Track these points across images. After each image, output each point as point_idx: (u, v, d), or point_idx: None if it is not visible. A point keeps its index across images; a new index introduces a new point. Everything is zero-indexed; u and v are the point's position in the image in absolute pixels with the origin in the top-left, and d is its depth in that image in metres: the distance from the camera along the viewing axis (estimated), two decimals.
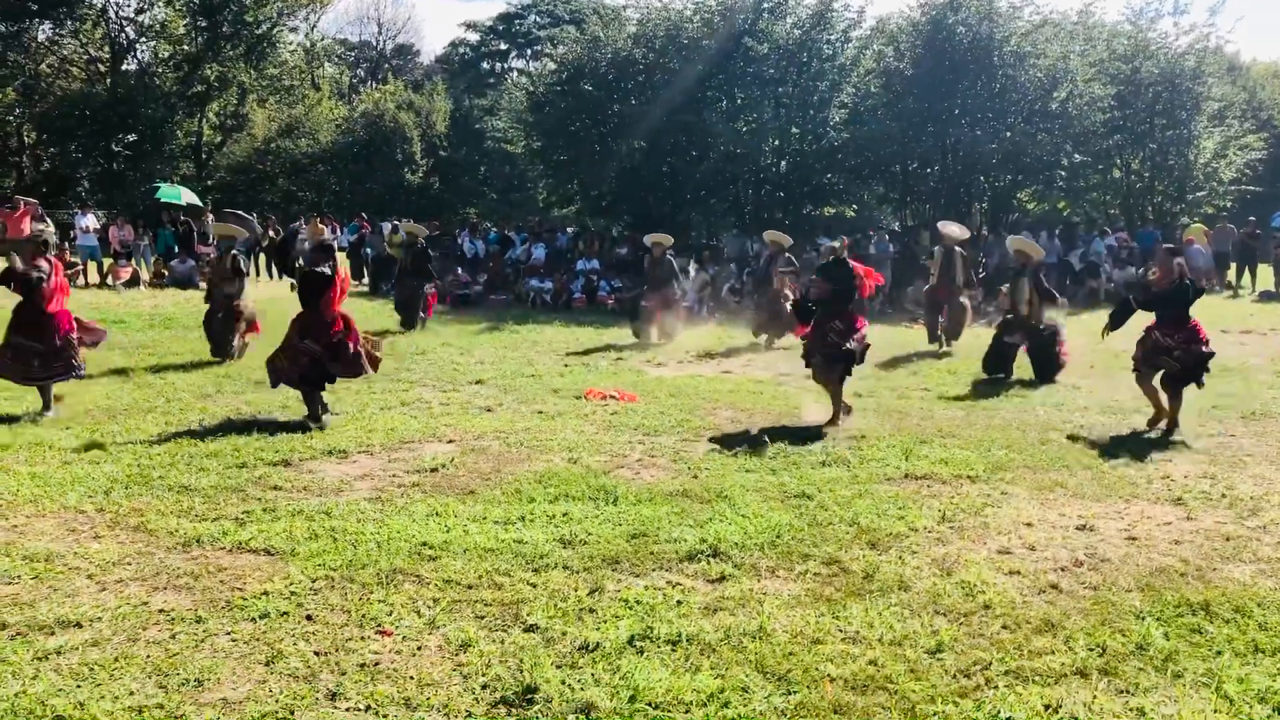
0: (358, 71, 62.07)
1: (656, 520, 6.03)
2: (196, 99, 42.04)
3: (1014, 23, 24.68)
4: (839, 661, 4.24)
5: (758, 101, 26.03)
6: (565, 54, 28.67)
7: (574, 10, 52.45)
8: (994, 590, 5.03)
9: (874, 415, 9.48)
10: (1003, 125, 24.46)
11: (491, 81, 57.76)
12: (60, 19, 41.11)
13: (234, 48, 41.98)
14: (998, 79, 24.20)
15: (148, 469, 7.07)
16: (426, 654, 4.26)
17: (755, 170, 26.49)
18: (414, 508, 6.28)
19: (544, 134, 28.14)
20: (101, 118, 39.81)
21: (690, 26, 26.15)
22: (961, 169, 25.48)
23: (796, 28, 25.65)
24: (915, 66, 24.82)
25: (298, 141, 44.90)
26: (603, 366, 12.81)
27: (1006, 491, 6.89)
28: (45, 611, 4.58)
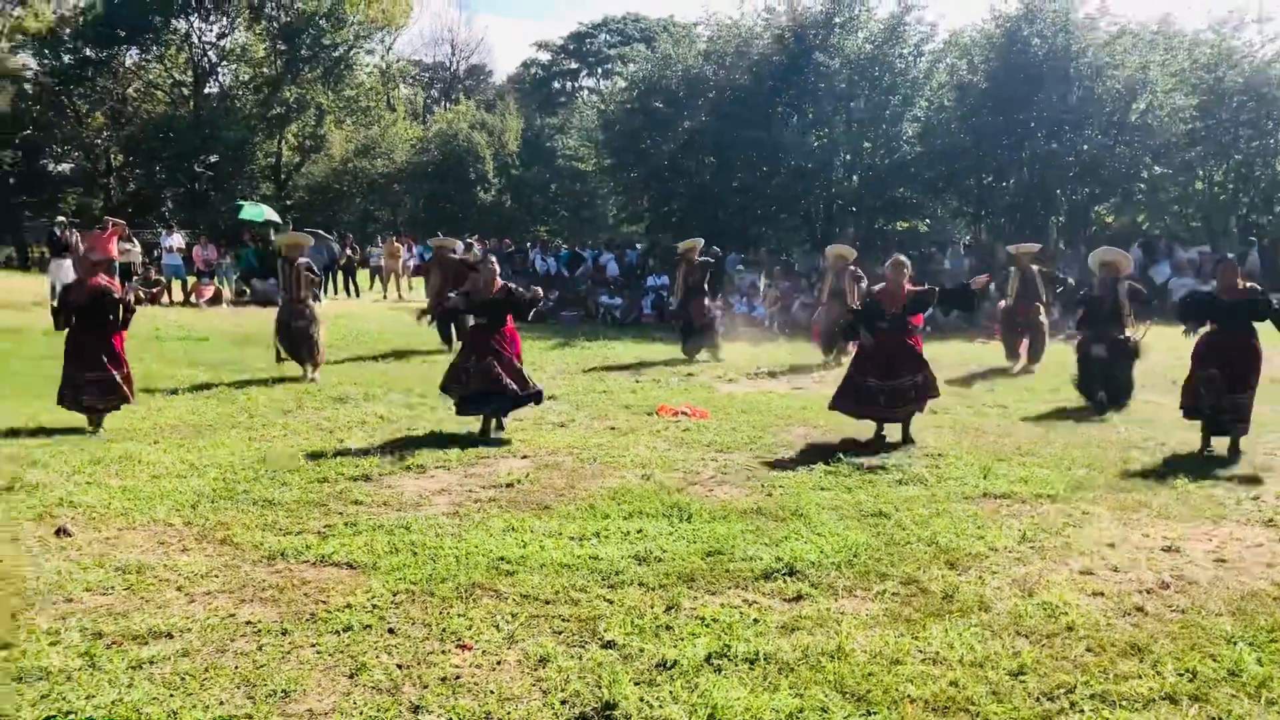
0: (432, 92, 63.08)
1: (731, 538, 6.02)
2: (276, 120, 43.08)
3: (1091, 33, 24.29)
4: (919, 682, 4.19)
5: (829, 116, 25.97)
6: (635, 72, 28.90)
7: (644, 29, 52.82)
8: (1077, 612, 4.94)
9: (951, 432, 9.36)
10: (1080, 138, 24.07)
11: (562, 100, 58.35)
12: (147, 45, 42.46)
13: (312, 70, 42.98)
14: (1075, 91, 23.83)
15: (233, 483, 7.24)
16: (506, 669, 4.31)
17: (826, 185, 26.41)
18: (490, 523, 6.35)
19: (614, 151, 28.37)
20: (185, 140, 40.98)
21: (760, 43, 26.19)
22: (1037, 182, 25.11)
23: (868, 42, 25.55)
24: (989, 79, 24.55)
25: (374, 161, 45.77)
26: (673, 383, 12.83)
27: (1088, 511, 6.75)
28: (138, 622, 4.71)
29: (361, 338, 17.17)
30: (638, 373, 13.69)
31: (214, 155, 42.40)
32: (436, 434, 9.20)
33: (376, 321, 19.87)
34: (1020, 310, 14.06)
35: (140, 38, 41.67)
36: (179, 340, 15.82)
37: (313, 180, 46.43)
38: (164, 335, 16.48)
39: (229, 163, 42.45)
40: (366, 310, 22.45)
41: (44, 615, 4.77)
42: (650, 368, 14.21)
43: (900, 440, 9.00)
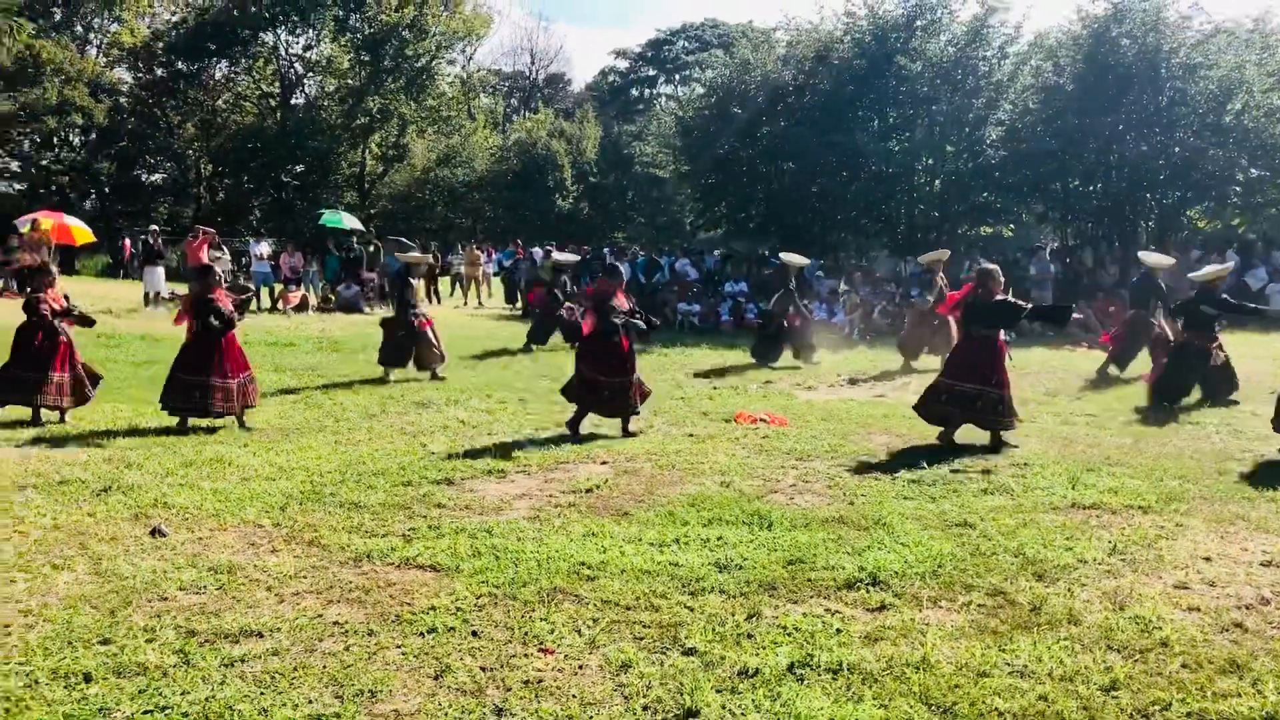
0: (511, 101, 63.77)
1: (813, 546, 5.96)
2: (360, 130, 43.92)
3: (1183, 33, 23.62)
4: (1006, 695, 4.11)
5: (910, 120, 25.63)
6: (714, 78, 28.86)
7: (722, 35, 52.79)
8: (1171, 627, 4.79)
9: (1037, 441, 9.17)
10: (1171, 139, 23.42)
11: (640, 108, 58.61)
12: (236, 57, 43.63)
13: (395, 81, 43.73)
14: (1165, 91, 23.21)
15: (319, 486, 7.39)
16: (588, 673, 4.32)
17: (908, 190, 26.09)
18: (571, 528, 6.39)
19: (692, 158, 28.36)
20: (272, 150, 42.03)
21: (841, 47, 25.97)
22: (1126, 186, 24.50)
23: (951, 45, 25.18)
24: (1076, 81, 24.02)
25: (455, 170, 46.41)
26: (752, 389, 12.78)
27: (1182, 523, 6.56)
28: (230, 621, 4.82)
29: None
30: (715, 379, 13.66)
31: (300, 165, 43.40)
32: (516, 438, 9.28)
33: (457, 327, 20.11)
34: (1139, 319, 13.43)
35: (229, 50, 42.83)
36: (266, 345, 16.19)
37: (395, 189, 47.22)
38: (251, 341, 16.85)
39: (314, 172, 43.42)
40: (447, 316, 22.75)
41: (140, 613, 4.91)
42: (728, 374, 14.17)
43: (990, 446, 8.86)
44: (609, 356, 9.54)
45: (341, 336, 17.85)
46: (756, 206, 27.72)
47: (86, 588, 5.23)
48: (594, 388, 9.50)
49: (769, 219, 27.41)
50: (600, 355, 9.55)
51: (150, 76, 43.68)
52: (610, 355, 9.54)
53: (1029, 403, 10.93)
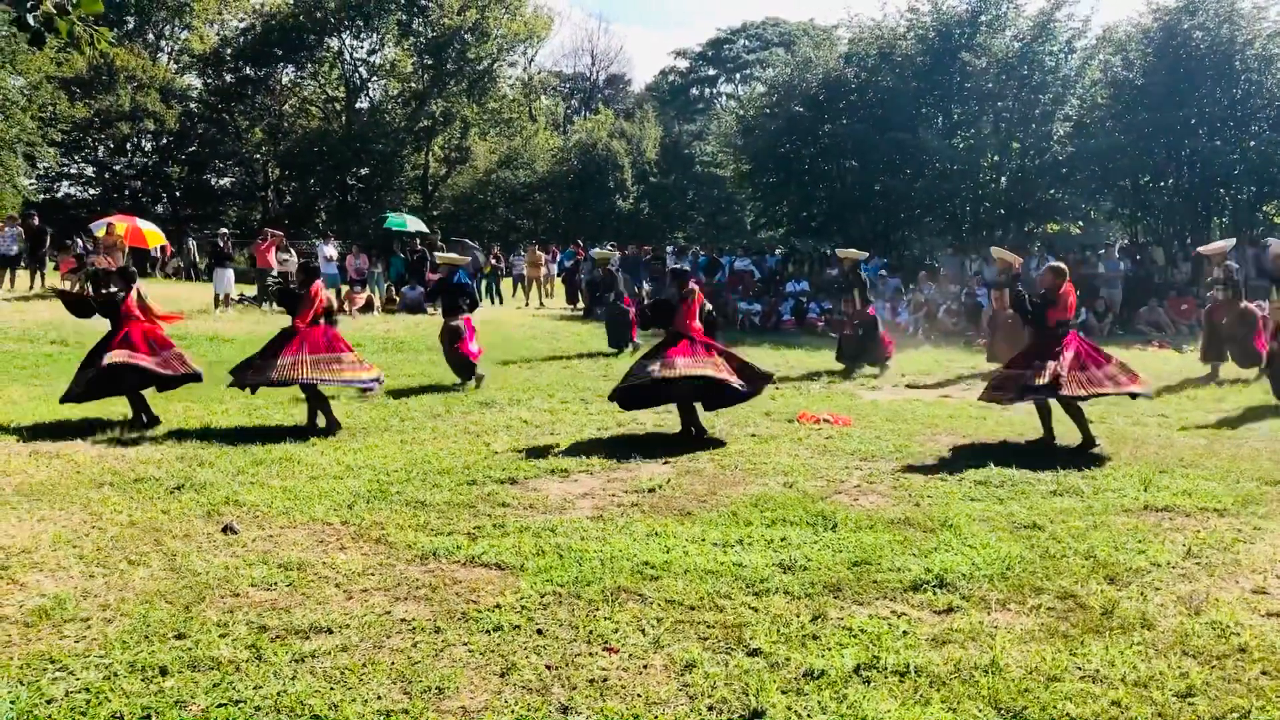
0: (572, 102, 64.06)
1: (878, 548, 5.91)
2: (423, 133, 44.49)
3: (1259, 23, 23.05)
4: (1078, 701, 4.03)
5: (975, 117, 25.35)
6: (775, 76, 28.79)
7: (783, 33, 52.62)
8: (1250, 632, 4.67)
9: (1108, 442, 9.00)
10: (1246, 134, 22.88)
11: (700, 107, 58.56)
12: (301, 63, 44.45)
13: (457, 84, 44.24)
14: (1240, 85, 22.68)
15: (386, 485, 7.48)
16: (652, 672, 4.32)
17: (974, 187, 25.77)
18: (634, 527, 6.39)
19: (753, 156, 28.26)
20: (337, 153, 42.72)
21: (904, 44, 25.75)
22: (1199, 181, 23.97)
23: (1016, 40, 24.85)
24: (1146, 75, 23.56)
25: (516, 172, 46.79)
26: (815, 389, 12.70)
27: (1259, 527, 6.39)
28: (300, 617, 4.90)
29: (506, 343, 17.53)
30: (778, 379, 13.58)
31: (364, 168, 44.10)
32: (578, 438, 9.32)
33: (520, 328, 20.26)
34: (1221, 310, 13.03)
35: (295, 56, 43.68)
36: None
37: (458, 191, 47.73)
38: None
39: (378, 174, 44.07)
40: (510, 317, 22.93)
41: (214, 608, 5.01)
42: (791, 375, 14.09)
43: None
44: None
45: (406, 337, 18.05)
46: (818, 205, 27.56)
47: (162, 583, 5.35)
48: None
49: (831, 218, 27.25)
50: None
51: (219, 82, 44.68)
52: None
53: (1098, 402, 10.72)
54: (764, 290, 23.90)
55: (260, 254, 24.08)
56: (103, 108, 40.66)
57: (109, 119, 41.33)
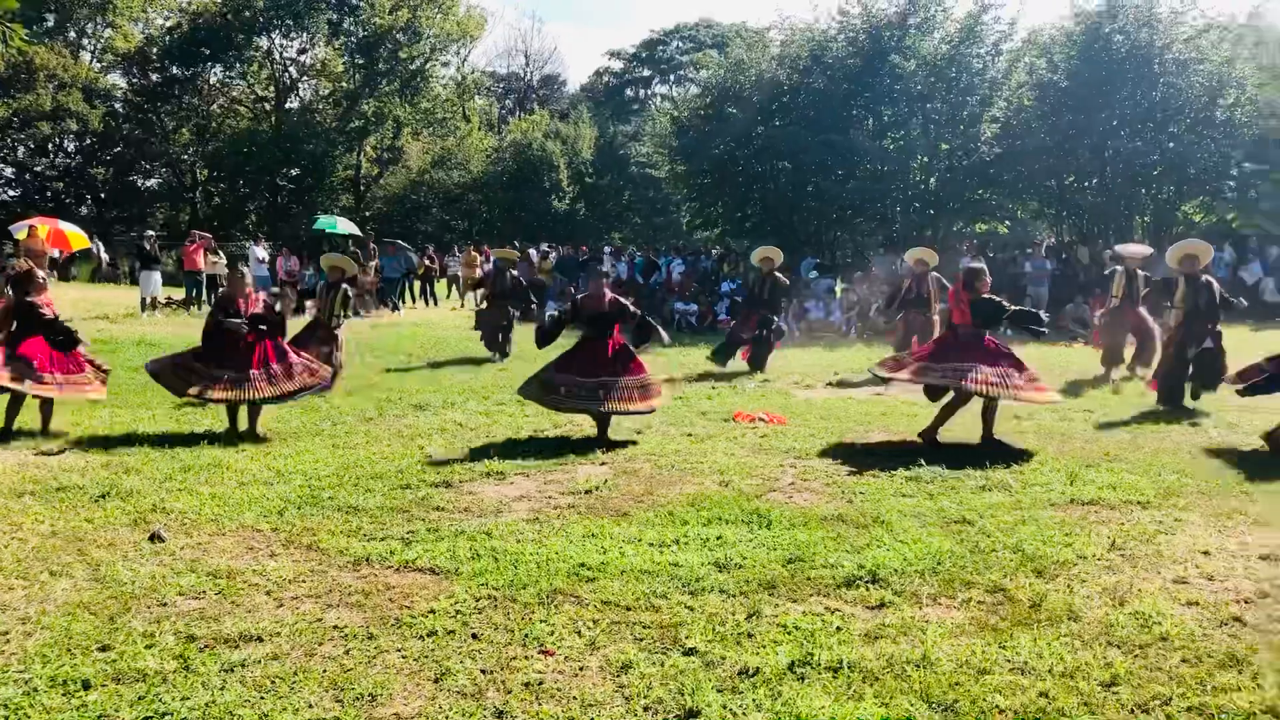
0: (506, 102, 63.83)
1: (812, 545, 5.96)
2: (355, 134, 43.99)
3: (1176, 28, 23.71)
4: (1008, 693, 4.10)
5: (905, 118, 25.70)
6: (708, 78, 28.95)
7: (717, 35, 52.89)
8: (1171, 622, 4.79)
9: (1035, 438, 9.18)
10: (1165, 135, 23.50)
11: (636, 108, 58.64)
12: (230, 62, 43.67)
13: (389, 83, 43.80)
14: (1158, 87, 23.29)
15: (317, 490, 7.37)
16: (588, 674, 4.32)
17: (904, 188, 26.13)
18: (570, 529, 6.38)
19: (688, 158, 28.38)
20: (267, 154, 42.08)
21: (835, 46, 26.02)
22: (1121, 181, 24.57)
23: (945, 43, 25.26)
24: (1070, 78, 24.10)
25: (450, 172, 46.48)
26: (750, 389, 12.78)
27: (1180, 518, 6.56)
28: (229, 626, 4.82)
29: (440, 345, 17.41)
30: (714, 379, 13.65)
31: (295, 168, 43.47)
32: (514, 440, 9.28)
33: (455, 330, 20.12)
34: (1127, 314, 13.28)
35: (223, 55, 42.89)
36: None
37: (390, 192, 47.29)
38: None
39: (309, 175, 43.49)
40: (444, 318, 22.77)
41: (140, 619, 4.90)
42: (726, 374, 14.15)
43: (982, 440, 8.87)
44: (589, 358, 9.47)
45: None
46: (753, 206, 27.75)
47: (85, 594, 5.22)
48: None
49: (765, 218, 27.45)
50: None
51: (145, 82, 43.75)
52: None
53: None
54: (700, 291, 24.00)
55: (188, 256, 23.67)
56: (22, 107, 39.64)
57: (29, 119, 40.31)
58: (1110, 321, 13.65)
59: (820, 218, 27.12)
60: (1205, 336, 10.74)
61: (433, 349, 17.05)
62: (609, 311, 9.52)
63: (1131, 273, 13.35)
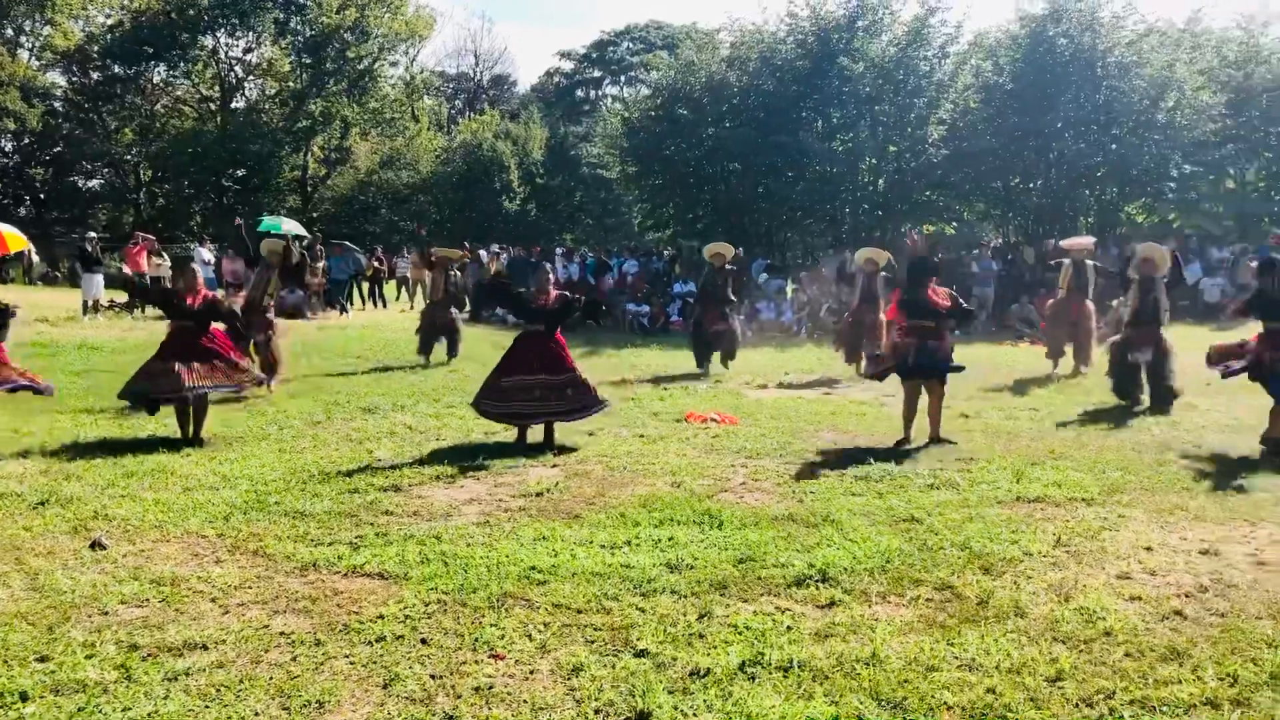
0: (455, 102, 63.45)
1: (763, 545, 5.98)
2: (302, 134, 43.47)
3: (1117, 32, 24.15)
4: (955, 689, 4.14)
5: (854, 120, 25.90)
6: (659, 79, 28.97)
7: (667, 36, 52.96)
8: (1115, 617, 4.87)
9: (982, 436, 9.29)
10: (1108, 137, 23.91)
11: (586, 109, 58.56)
12: (174, 61, 42.94)
13: (337, 83, 43.35)
14: (1101, 90, 23.69)
15: (264, 495, 7.27)
16: (539, 678, 4.30)
17: (853, 189, 26.35)
18: (521, 532, 6.35)
19: (639, 159, 28.40)
20: (212, 154, 41.43)
21: (784, 48, 26.17)
22: (1065, 183, 24.98)
23: (892, 45, 25.48)
24: (1015, 80, 24.45)
25: (399, 173, 46.08)
26: (701, 389, 12.81)
27: (1124, 515, 6.68)
28: (173, 634, 4.73)
29: (389, 347, 17.26)
30: (666, 380, 13.67)
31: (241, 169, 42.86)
32: (465, 443, 9.22)
33: (404, 332, 19.93)
34: (1072, 307, 13.52)
35: (167, 54, 42.18)
36: None
37: (338, 192, 46.82)
38: None
39: (256, 176, 42.89)
40: (393, 320, 22.58)
41: (80, 628, 4.80)
42: (678, 375, 14.18)
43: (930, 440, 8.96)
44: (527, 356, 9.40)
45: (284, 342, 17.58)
46: (704, 207, 27.84)
47: (22, 604, 5.10)
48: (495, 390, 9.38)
49: (716, 219, 27.54)
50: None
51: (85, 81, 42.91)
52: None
53: (973, 398, 11.07)
54: (652, 292, 24.02)
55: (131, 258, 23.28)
56: None
57: None
58: (1055, 314, 13.91)
59: (770, 219, 27.27)
60: (1149, 343, 10.82)
61: (381, 351, 16.90)
62: (555, 308, 9.46)
63: (1079, 264, 13.58)
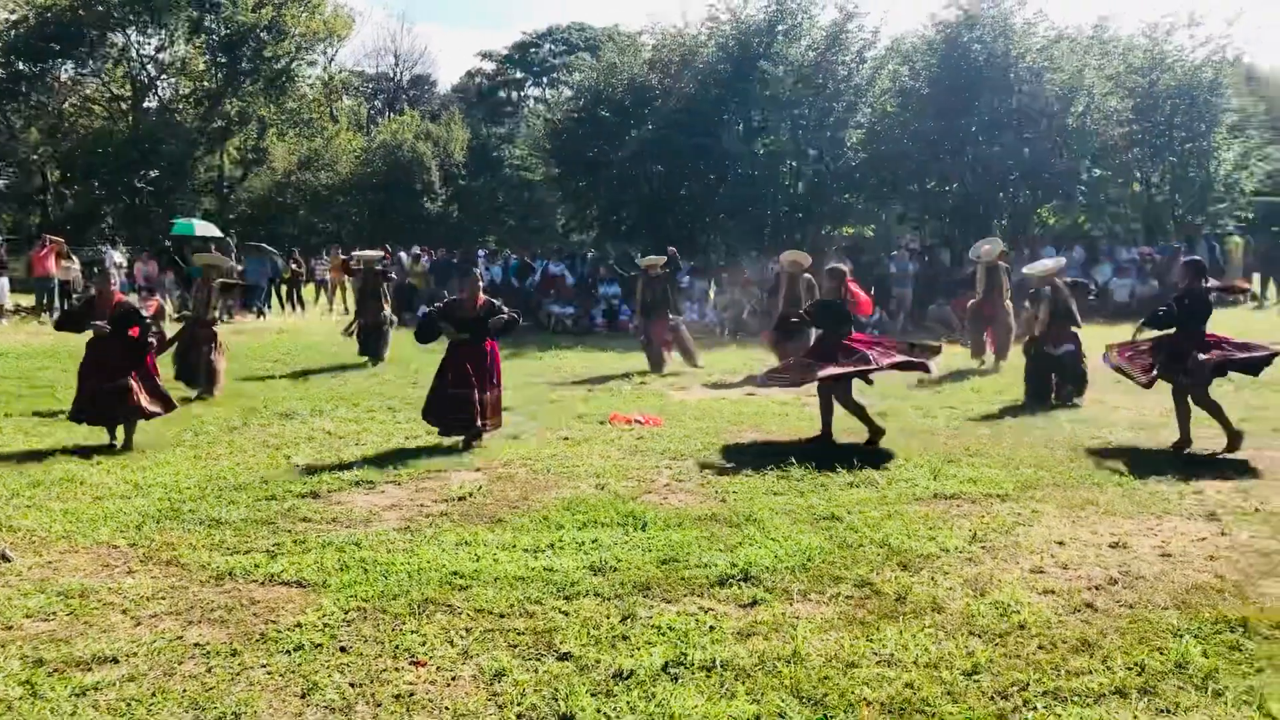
0: (375, 103, 62.62)
1: (686, 545, 6.01)
2: (217, 134, 42.53)
3: (1029, 39, 24.71)
4: (875, 685, 4.21)
5: (775, 124, 26.13)
6: (581, 81, 28.92)
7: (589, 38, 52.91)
8: (1029, 610, 4.99)
9: (901, 435, 9.44)
10: (1021, 141, 24.44)
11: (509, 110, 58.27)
12: (82, 58, 41.68)
13: (253, 83, 42.49)
14: (1014, 95, 24.21)
15: (178, 503, 7.11)
16: (461, 684, 4.26)
17: (773, 192, 26.55)
18: (443, 537, 6.29)
19: (562, 160, 28.33)
20: (124, 155, 40.28)
21: (705, 51, 26.30)
22: (980, 186, 25.46)
23: (811, 50, 25.75)
24: (931, 85, 24.87)
25: (317, 174, 45.35)
26: (626, 391, 12.83)
27: (1037, 510, 6.84)
28: (81, 648, 4.60)
29: (307, 352, 16.98)
30: (590, 382, 13.66)
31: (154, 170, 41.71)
32: (386, 448, 9.11)
33: (322, 335, 19.66)
34: (987, 307, 14.37)
35: (75, 51, 40.93)
36: None
37: (255, 194, 45.92)
38: None
39: (169, 177, 41.79)
40: (312, 324, 22.23)
41: None
42: (603, 377, 14.18)
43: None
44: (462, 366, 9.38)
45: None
46: (627, 209, 27.86)
47: None
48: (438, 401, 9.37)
49: (640, 221, 27.58)
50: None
51: None
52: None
53: (889, 397, 11.24)
54: (576, 293, 23.99)
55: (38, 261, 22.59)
56: None
57: None
58: (974, 315, 14.74)
59: (693, 220, 27.39)
60: (1065, 339, 11.31)
61: (300, 355, 16.62)
62: (481, 314, 9.42)
63: (991, 267, 14.10)
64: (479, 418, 9.12)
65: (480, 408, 9.14)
